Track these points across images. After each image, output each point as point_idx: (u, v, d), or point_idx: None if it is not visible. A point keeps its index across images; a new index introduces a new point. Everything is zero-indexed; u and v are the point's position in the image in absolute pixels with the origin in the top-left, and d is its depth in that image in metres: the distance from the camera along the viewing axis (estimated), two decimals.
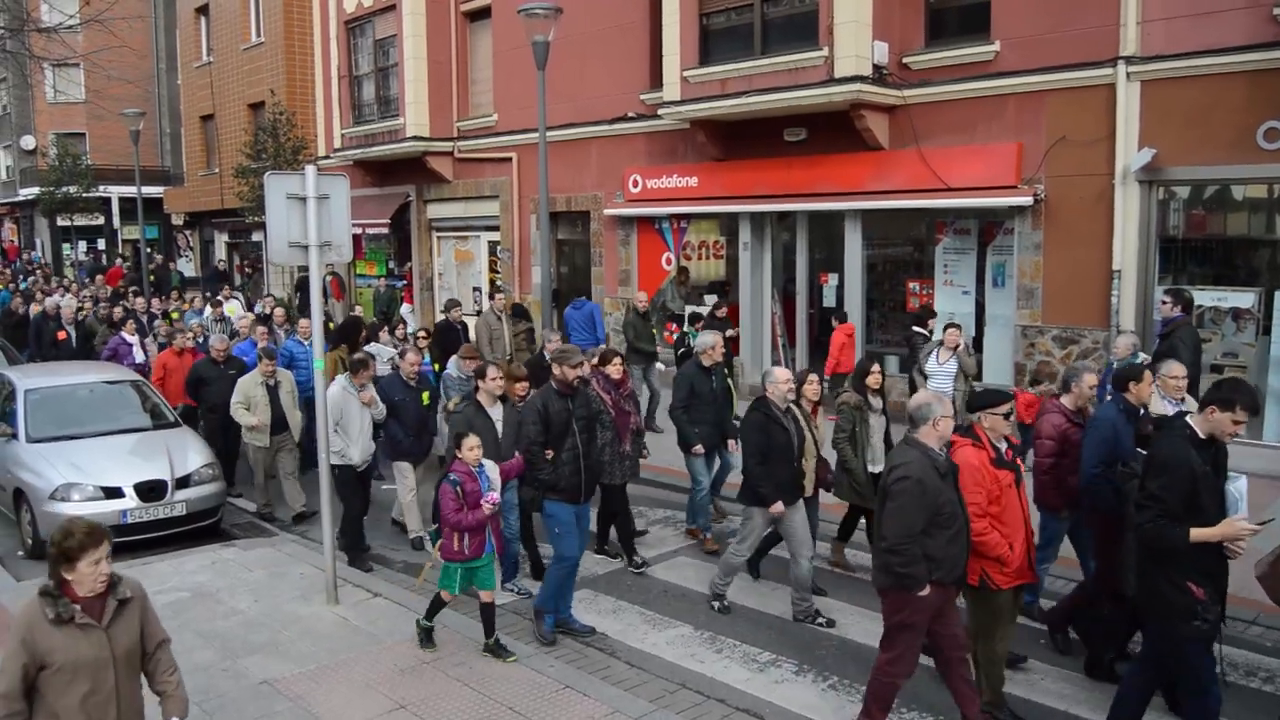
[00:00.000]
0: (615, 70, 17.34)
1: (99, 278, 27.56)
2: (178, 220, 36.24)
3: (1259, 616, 7.43)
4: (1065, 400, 7.17)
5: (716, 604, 7.98)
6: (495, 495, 6.85)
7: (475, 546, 6.81)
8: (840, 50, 13.13)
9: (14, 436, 10.30)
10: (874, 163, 14.01)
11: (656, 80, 16.19)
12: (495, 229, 20.60)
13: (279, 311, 15.99)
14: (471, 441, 6.88)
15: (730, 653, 7.24)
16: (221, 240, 33.40)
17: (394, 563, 9.43)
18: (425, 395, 9.84)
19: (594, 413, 7.98)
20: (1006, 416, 5.95)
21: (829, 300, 15.32)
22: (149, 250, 30.92)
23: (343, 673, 6.70)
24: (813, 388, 8.44)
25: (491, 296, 14.41)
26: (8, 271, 30.88)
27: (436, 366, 12.24)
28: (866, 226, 14.59)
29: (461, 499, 6.74)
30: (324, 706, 6.23)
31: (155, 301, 18.49)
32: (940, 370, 10.85)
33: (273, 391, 10.70)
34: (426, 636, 7.13)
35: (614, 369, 9.10)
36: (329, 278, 21.34)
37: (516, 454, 7.60)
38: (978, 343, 13.69)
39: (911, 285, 14.39)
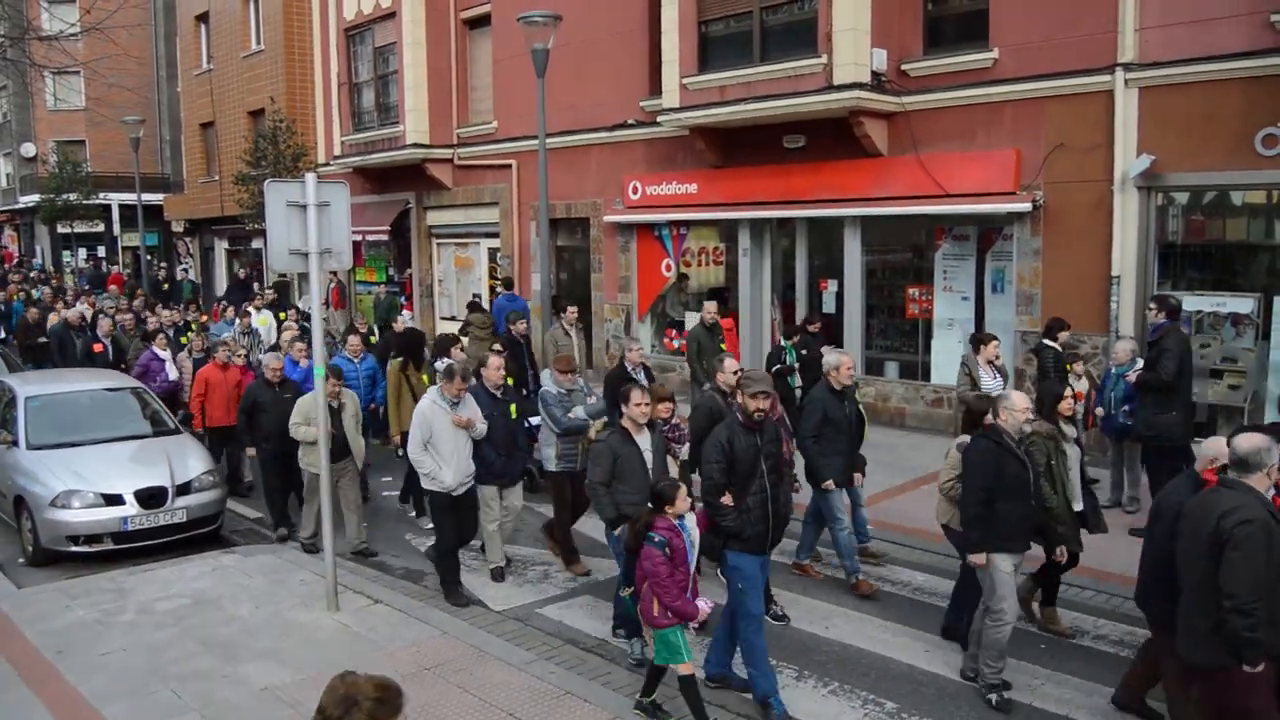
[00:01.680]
0: (614, 77, 17.38)
1: (113, 288, 26.87)
2: (178, 227, 36.29)
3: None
4: None
5: (994, 697, 6.44)
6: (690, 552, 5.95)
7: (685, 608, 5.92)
8: (839, 57, 13.16)
9: (14, 443, 10.31)
10: (873, 169, 14.03)
11: (656, 87, 16.22)
12: (495, 236, 20.63)
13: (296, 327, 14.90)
14: (682, 493, 5.99)
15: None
16: (222, 247, 33.44)
17: (394, 569, 9.42)
18: (513, 408, 8.87)
19: (780, 449, 6.82)
20: None
21: (829, 306, 15.32)
22: (149, 258, 30.96)
23: None
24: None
25: (562, 310, 13.49)
26: (20, 280, 29.46)
27: (510, 380, 11.51)
28: (866, 233, 14.60)
29: (669, 559, 5.85)
30: None
31: (170, 313, 17.11)
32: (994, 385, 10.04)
33: (335, 414, 9.42)
34: (654, 712, 6.27)
35: (664, 409, 7.98)
36: (330, 285, 21.34)
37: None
38: (976, 349, 13.67)
39: (911, 291, 14.40)
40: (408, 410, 10.42)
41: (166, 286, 26.88)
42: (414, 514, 11.05)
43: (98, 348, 14.79)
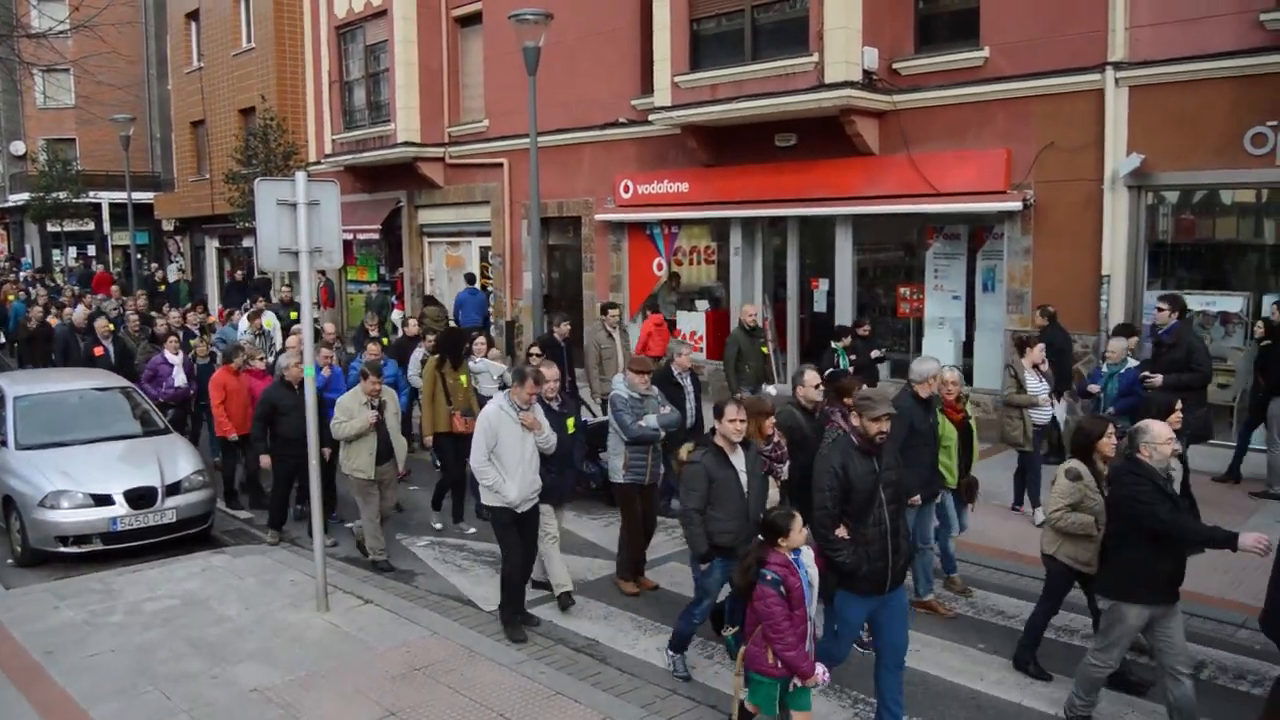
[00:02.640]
0: (606, 76, 17.36)
1: (114, 288, 26.05)
2: (168, 226, 36.15)
3: (1246, 620, 7.45)
4: None
5: None
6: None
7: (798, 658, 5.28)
8: (830, 56, 13.17)
9: (3, 444, 10.26)
10: (864, 168, 14.04)
11: (647, 86, 16.22)
12: (486, 234, 20.60)
13: (329, 328, 14.05)
14: (797, 523, 5.36)
15: (722, 659, 7.21)
16: (212, 246, 33.32)
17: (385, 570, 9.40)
18: (570, 422, 8.24)
19: (901, 476, 6.06)
20: None
21: (820, 306, 15.35)
22: (139, 257, 30.84)
23: (333, 680, 6.68)
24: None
25: (604, 312, 13.05)
26: (17, 279, 28.51)
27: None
28: (857, 231, 14.62)
29: (786, 600, 5.25)
30: (314, 714, 6.21)
31: (174, 316, 16.01)
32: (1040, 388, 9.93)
33: (377, 412, 9.18)
34: None
35: (768, 426, 7.39)
36: (319, 285, 21.27)
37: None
38: (968, 347, 13.74)
39: (902, 290, 14.42)
40: (442, 411, 10.19)
41: (163, 288, 26.56)
42: (438, 525, 10.48)
43: (98, 351, 14.14)
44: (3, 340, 20.43)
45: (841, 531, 5.69)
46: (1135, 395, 9.43)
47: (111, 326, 14.67)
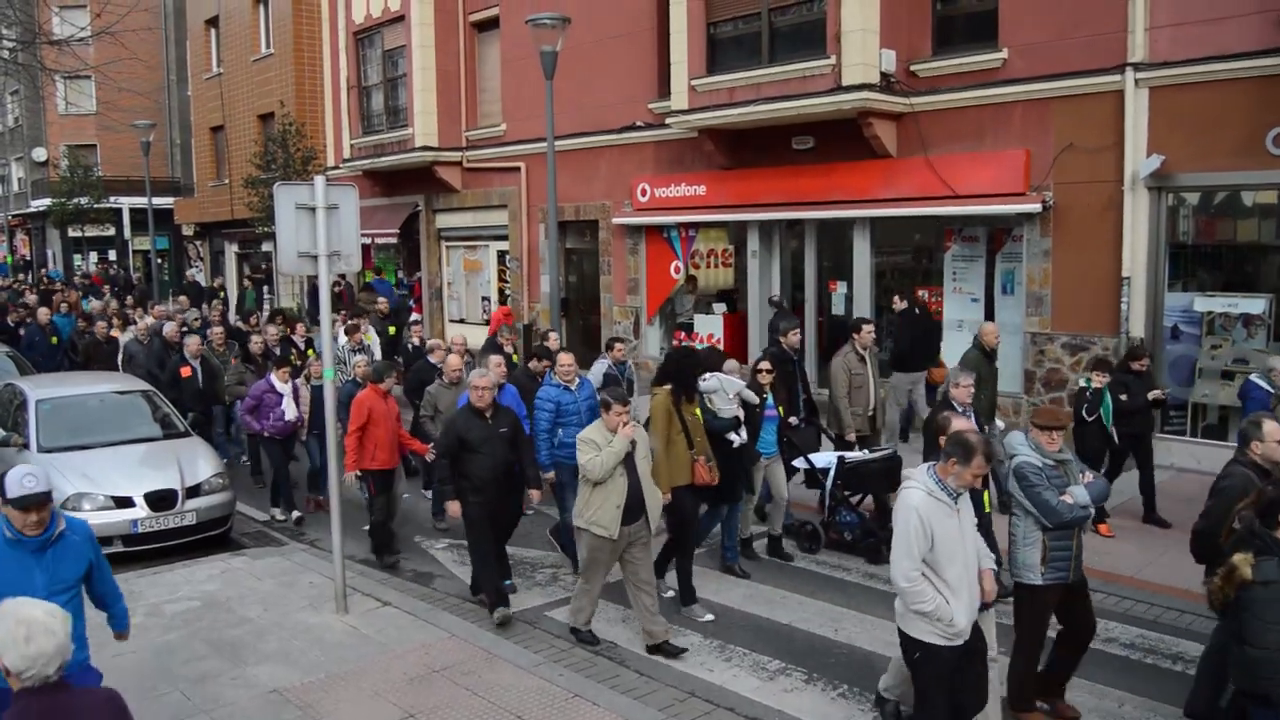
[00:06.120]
0: (623, 79, 17.38)
1: (183, 298, 23.62)
2: (188, 231, 36.43)
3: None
4: None
5: None
6: None
7: None
8: (848, 58, 13.14)
9: (25, 446, 10.35)
10: (882, 170, 14.00)
11: (664, 89, 16.22)
12: (504, 238, 20.65)
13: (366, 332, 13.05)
14: None
15: (740, 661, 7.22)
16: (232, 251, 33.54)
17: (403, 571, 9.42)
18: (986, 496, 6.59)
19: None
20: None
21: (838, 308, 15.31)
22: (159, 262, 30.96)
23: (352, 682, 6.70)
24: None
25: (857, 330, 10.44)
26: (69, 292, 25.71)
27: (781, 410, 9.51)
28: (875, 234, 14.58)
29: None
30: (333, 716, 6.23)
31: (271, 331, 14.23)
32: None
33: (628, 459, 7.19)
34: None
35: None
36: (337, 288, 21.32)
37: None
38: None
39: (920, 293, 14.36)
40: (681, 459, 7.91)
41: (222, 294, 25.14)
42: (707, 617, 8.04)
43: (185, 371, 12.72)
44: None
45: None
46: None
47: (201, 343, 13.27)
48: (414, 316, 21.48)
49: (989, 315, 13.60)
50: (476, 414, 7.94)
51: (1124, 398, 9.74)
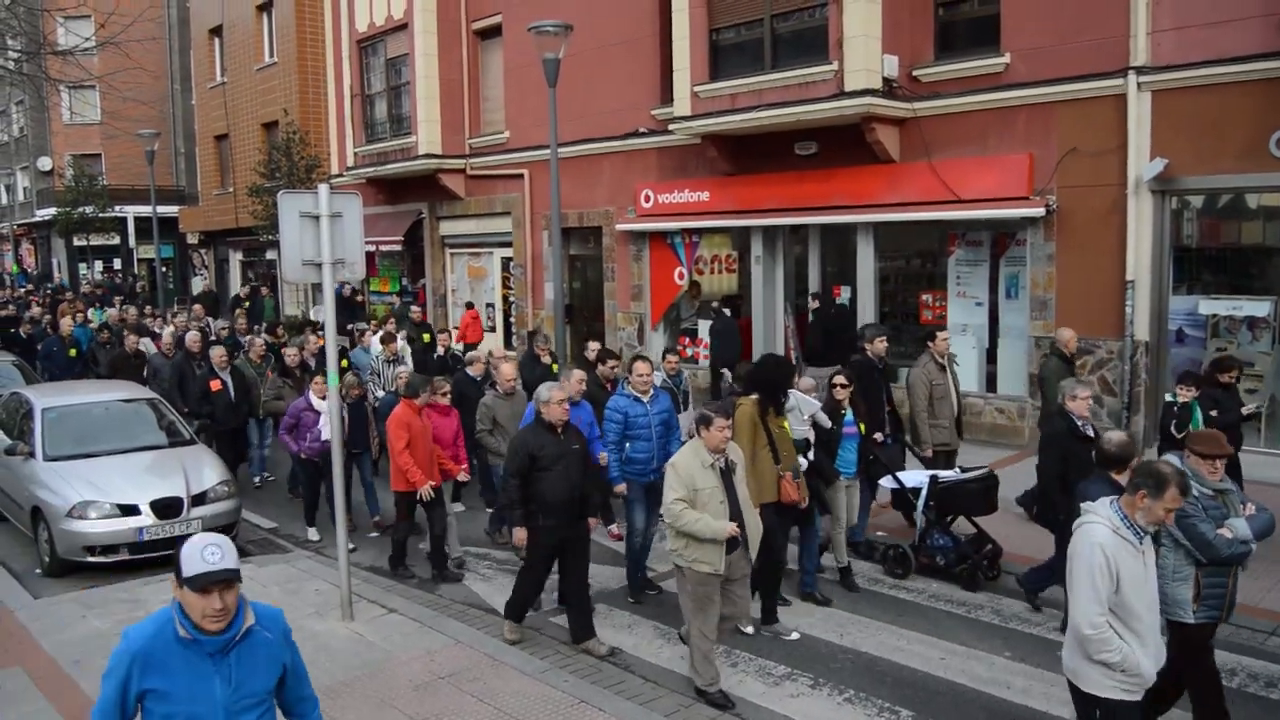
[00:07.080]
0: (626, 86, 17.41)
1: (197, 307, 23.38)
2: (193, 239, 36.54)
3: (1277, 629, 7.37)
4: None
5: None
6: None
7: None
8: (850, 64, 13.16)
9: (31, 455, 10.36)
10: (885, 175, 14.02)
11: (667, 95, 16.25)
12: (508, 245, 20.68)
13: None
14: None
15: (746, 666, 7.21)
16: (236, 259, 33.64)
17: (408, 579, 9.42)
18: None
19: None
20: None
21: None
22: (164, 270, 31.03)
23: (358, 689, 6.70)
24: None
25: (931, 339, 10.00)
26: (76, 303, 24.97)
27: (863, 427, 8.94)
28: (878, 239, 14.59)
29: None
30: None
31: (314, 341, 14.11)
32: None
33: (724, 475, 6.53)
34: None
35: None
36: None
37: None
38: (990, 354, 13.67)
39: (924, 297, 14.37)
40: (767, 475, 7.39)
41: (248, 304, 24.51)
42: (796, 635, 7.71)
43: (215, 385, 12.29)
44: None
45: None
46: None
47: (227, 354, 12.81)
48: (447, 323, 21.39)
49: (993, 320, 13.63)
50: (548, 429, 7.38)
51: (1214, 413, 8.85)
